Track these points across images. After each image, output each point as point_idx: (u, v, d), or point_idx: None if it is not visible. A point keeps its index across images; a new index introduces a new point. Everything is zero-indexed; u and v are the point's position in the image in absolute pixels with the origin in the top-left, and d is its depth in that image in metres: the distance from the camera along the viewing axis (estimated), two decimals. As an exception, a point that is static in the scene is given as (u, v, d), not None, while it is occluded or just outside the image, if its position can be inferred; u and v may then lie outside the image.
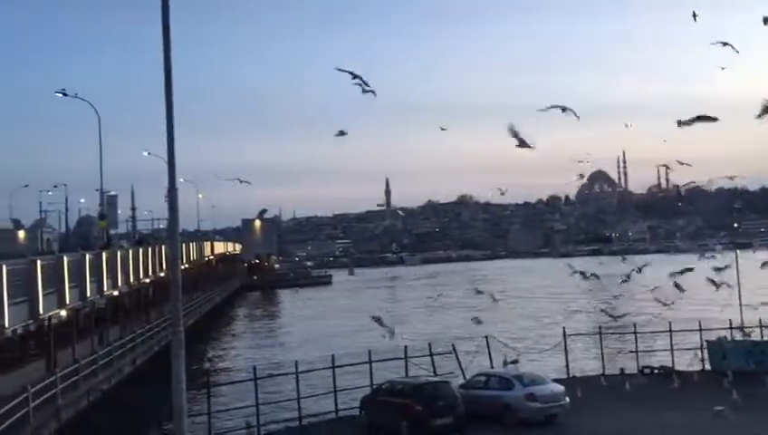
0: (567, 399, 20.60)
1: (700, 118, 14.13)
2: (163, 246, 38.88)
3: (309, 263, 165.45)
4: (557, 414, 20.37)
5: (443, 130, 22.04)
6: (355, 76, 13.74)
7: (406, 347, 25.57)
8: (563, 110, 14.49)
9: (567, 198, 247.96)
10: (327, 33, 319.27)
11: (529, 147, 14.94)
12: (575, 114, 14.44)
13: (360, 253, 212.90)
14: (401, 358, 25.21)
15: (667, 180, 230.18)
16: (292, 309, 76.73)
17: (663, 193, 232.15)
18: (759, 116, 13.64)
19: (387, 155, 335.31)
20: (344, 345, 36.93)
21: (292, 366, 23.33)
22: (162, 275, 37.60)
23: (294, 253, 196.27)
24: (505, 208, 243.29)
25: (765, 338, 27.69)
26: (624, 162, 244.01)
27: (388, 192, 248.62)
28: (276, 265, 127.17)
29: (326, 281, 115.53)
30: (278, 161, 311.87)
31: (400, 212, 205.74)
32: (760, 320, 28.19)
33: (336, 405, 23.19)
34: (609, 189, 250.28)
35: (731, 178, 23.57)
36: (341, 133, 16.37)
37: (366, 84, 13.85)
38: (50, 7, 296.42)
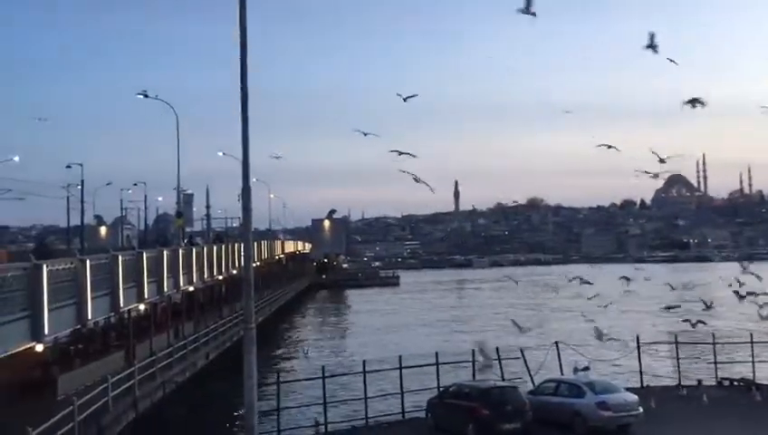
0: (641, 409, 19.97)
1: None
2: (236, 244, 39.82)
3: (377, 263, 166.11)
4: (630, 424, 19.77)
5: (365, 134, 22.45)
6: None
7: (473, 350, 25.35)
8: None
9: (642, 202, 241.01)
10: (392, 36, 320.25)
11: (427, 185, 17.63)
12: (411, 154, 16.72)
13: (428, 254, 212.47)
14: (469, 361, 25.01)
15: (750, 185, 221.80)
16: (361, 308, 77.22)
17: (744, 198, 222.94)
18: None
19: (456, 156, 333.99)
20: (412, 346, 36.86)
21: (360, 366, 23.45)
22: (235, 272, 38.50)
23: (363, 253, 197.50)
24: (578, 212, 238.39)
25: None
26: (704, 166, 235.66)
27: (456, 194, 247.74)
28: (344, 265, 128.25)
29: (394, 282, 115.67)
30: (348, 162, 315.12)
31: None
32: None
33: (402, 406, 23.17)
34: (687, 194, 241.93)
35: None
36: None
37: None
38: (129, 10, 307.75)
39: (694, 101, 14.75)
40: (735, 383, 25.96)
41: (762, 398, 23.28)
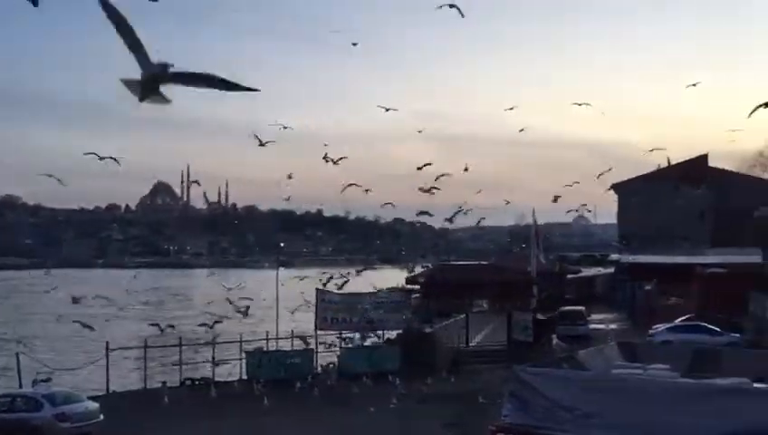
0: (101, 416, 19.82)
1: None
2: None
3: None
4: (90, 433, 19.45)
5: None
6: None
7: None
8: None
9: (128, 207, 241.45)
10: None
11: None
12: None
13: None
14: None
15: (227, 198, 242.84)
16: None
17: (222, 210, 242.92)
18: None
19: None
20: None
21: None
22: None
23: None
24: (58, 214, 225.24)
25: (296, 348, 30.64)
26: (188, 177, 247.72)
27: None
28: None
29: None
30: None
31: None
32: (292, 331, 31.27)
33: None
34: (171, 202, 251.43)
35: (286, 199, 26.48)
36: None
37: None
38: None
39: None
40: (197, 383, 27.88)
41: (217, 394, 25.49)
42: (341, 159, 31.00)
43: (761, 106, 12.63)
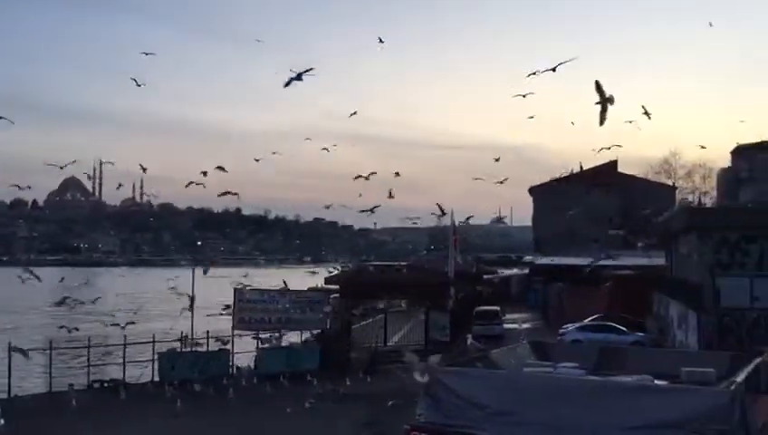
0: (2, 421, 18.91)
1: None
2: None
3: None
4: (-10, 438, 18.51)
5: None
6: None
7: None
8: None
9: (35, 202, 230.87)
10: None
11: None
12: None
13: None
14: None
15: (142, 195, 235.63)
16: None
17: (137, 207, 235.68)
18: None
19: None
20: None
21: None
22: None
23: None
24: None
25: (211, 349, 29.98)
26: (100, 172, 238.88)
27: None
28: None
29: None
30: None
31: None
32: (208, 332, 30.57)
33: None
34: (82, 199, 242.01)
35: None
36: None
37: None
38: None
39: None
40: (106, 384, 26.91)
41: (127, 396, 24.68)
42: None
43: (605, 110, 11.80)
